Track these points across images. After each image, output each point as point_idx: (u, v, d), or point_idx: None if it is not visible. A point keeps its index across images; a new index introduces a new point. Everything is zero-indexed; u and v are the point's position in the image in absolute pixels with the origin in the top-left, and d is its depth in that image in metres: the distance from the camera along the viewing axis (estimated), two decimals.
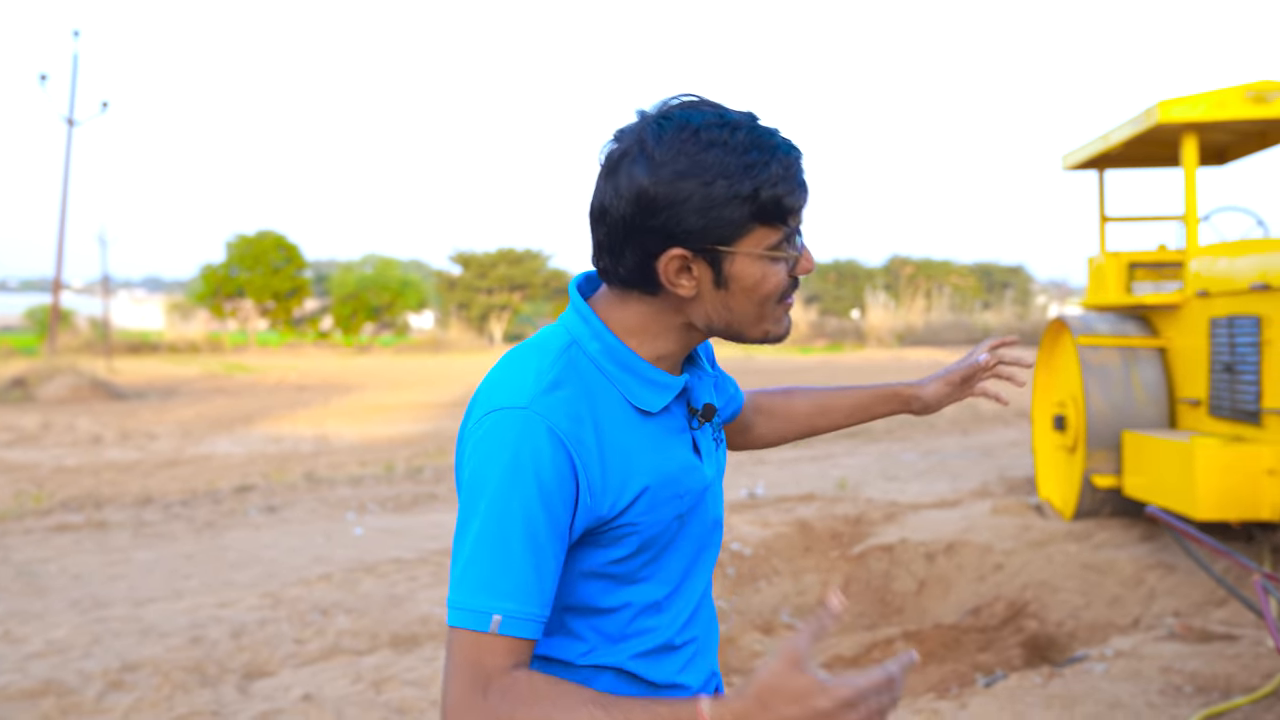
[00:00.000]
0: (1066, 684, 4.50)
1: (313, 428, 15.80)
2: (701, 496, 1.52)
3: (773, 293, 1.44)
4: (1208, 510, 5.55)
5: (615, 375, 1.45)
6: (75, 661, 5.08)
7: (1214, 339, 6.20)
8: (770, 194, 1.38)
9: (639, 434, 1.44)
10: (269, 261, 44.33)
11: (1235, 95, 6.36)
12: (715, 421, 1.60)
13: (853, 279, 57.23)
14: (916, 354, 34.93)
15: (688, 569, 1.54)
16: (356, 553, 7.55)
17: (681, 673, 1.54)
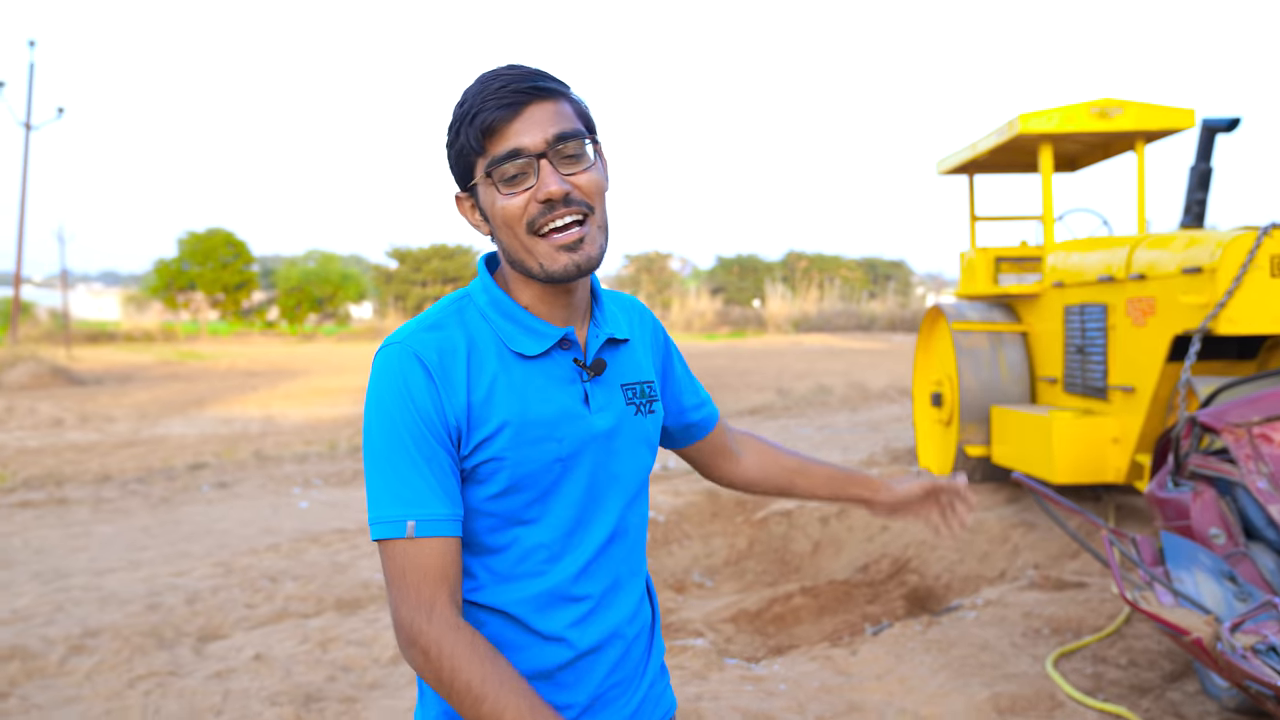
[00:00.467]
0: (943, 630, 4.59)
1: (261, 410, 15.55)
2: (588, 446, 1.43)
3: (513, 219, 1.37)
4: (1063, 475, 5.68)
5: (497, 322, 1.42)
6: (39, 628, 4.95)
7: (1068, 324, 6.33)
8: (470, 128, 1.37)
9: (512, 375, 1.40)
10: (218, 257, 43.48)
11: (1083, 110, 6.51)
12: (642, 390, 1.53)
13: (754, 272, 57.54)
14: (811, 339, 35.29)
15: (580, 518, 1.45)
16: (302, 524, 7.46)
17: (572, 627, 1.44)
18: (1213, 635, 2.98)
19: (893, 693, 4.00)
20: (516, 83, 1.36)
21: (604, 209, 1.42)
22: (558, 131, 1.36)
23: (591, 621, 1.46)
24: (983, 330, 7.08)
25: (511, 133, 1.36)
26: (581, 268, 1.38)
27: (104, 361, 26.64)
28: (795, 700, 3.96)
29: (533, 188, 1.36)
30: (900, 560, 6.15)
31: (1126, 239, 5.95)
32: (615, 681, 1.50)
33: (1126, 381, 5.60)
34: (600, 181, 1.40)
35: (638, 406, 1.51)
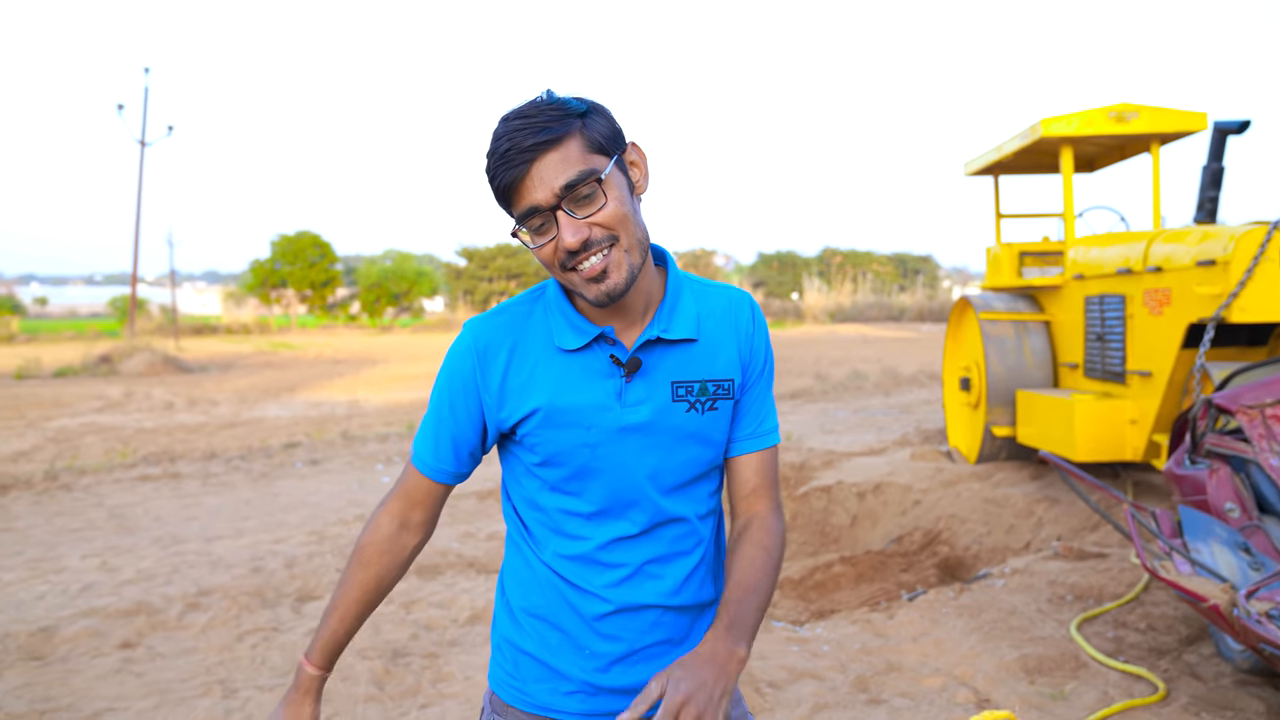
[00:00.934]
0: (973, 596, 4.56)
1: (346, 395, 15.73)
2: (618, 436, 1.44)
3: (547, 261, 1.39)
4: (1084, 453, 5.62)
5: (553, 317, 1.47)
6: (160, 587, 5.07)
7: (1088, 314, 6.25)
8: (495, 184, 1.38)
9: (552, 365, 1.45)
10: (307, 257, 43.94)
11: (1101, 115, 6.40)
12: (703, 387, 1.48)
13: (792, 267, 57.17)
14: (846, 329, 35.01)
15: (614, 497, 1.47)
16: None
17: (609, 589, 1.47)
18: (1229, 602, 2.94)
19: (928, 653, 3.98)
20: (520, 141, 1.34)
21: (632, 228, 1.39)
22: (565, 183, 1.33)
23: (628, 586, 1.48)
24: (1008, 320, 7.01)
25: (525, 191, 1.35)
26: (611, 295, 1.38)
27: (208, 351, 27.11)
28: (838, 660, 3.96)
29: (555, 238, 1.36)
30: (932, 533, 6.11)
31: (1143, 234, 5.85)
32: (657, 640, 1.50)
33: (1144, 367, 5.52)
34: (619, 211, 1.37)
35: (691, 404, 1.47)
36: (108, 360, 21.01)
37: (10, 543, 6.29)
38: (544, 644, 1.50)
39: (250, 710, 3.60)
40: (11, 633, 4.33)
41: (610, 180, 1.36)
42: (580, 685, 1.48)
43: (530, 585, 1.51)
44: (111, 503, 7.48)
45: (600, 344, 1.44)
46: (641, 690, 1.30)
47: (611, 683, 1.49)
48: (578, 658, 1.49)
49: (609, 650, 1.48)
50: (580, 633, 1.48)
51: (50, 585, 5.19)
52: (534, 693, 1.51)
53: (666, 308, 1.47)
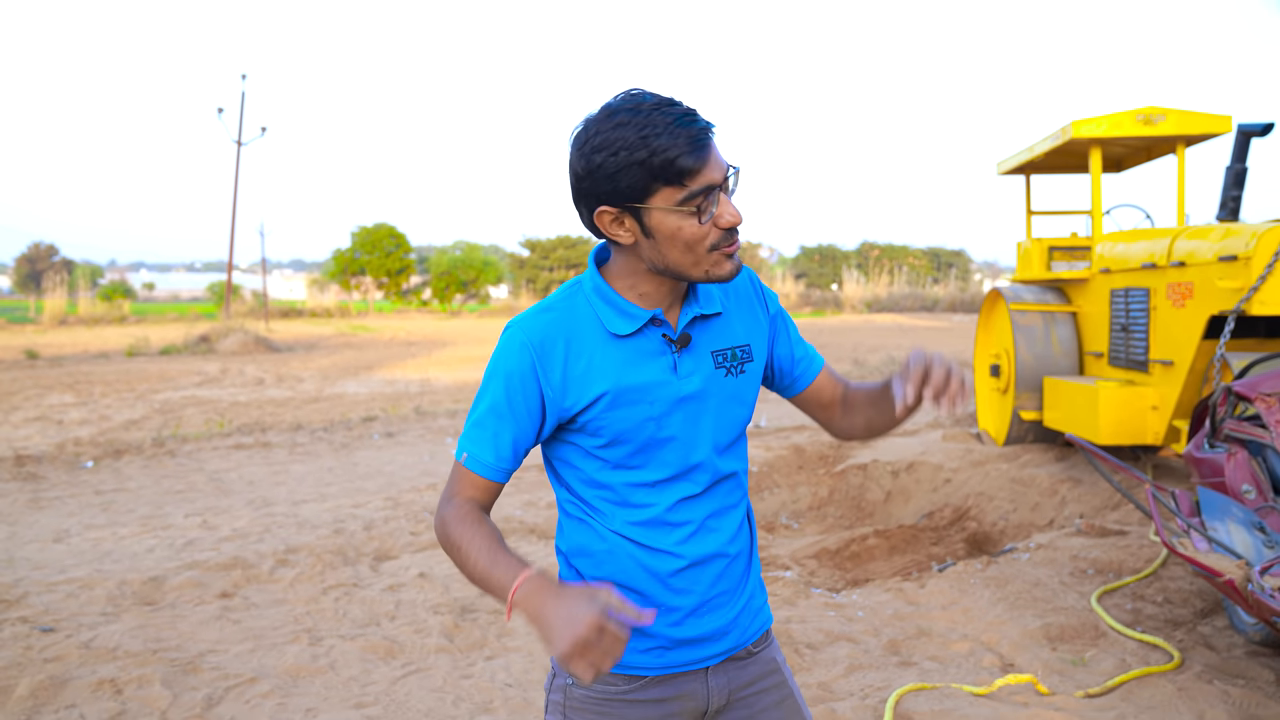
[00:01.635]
0: (1000, 569, 4.53)
1: (418, 373, 15.91)
2: (678, 406, 1.46)
3: (693, 241, 1.37)
4: (1107, 436, 5.54)
5: (599, 306, 1.45)
6: (253, 545, 5.19)
7: (1114, 306, 6.16)
8: (662, 159, 1.32)
9: (608, 351, 1.44)
10: (383, 247, 44.45)
11: (1129, 117, 6.28)
12: (734, 354, 1.52)
13: (832, 259, 56.68)
14: (882, 318, 34.66)
15: (677, 463, 1.48)
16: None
17: (679, 544, 1.48)
18: (1244, 577, 2.90)
19: (956, 621, 3.97)
20: (702, 126, 1.35)
21: None
22: (726, 168, 1.37)
23: (695, 541, 1.50)
24: (1037, 310, 6.92)
25: (706, 170, 1.35)
26: (734, 275, 1.43)
27: (294, 333, 27.58)
28: (871, 625, 3.96)
29: (713, 214, 1.36)
30: (961, 509, 6.07)
31: (1168, 231, 5.74)
32: (720, 591, 1.52)
33: (1165, 356, 5.43)
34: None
35: (728, 369, 1.51)
36: (206, 340, 21.50)
37: (125, 502, 6.49)
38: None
39: (334, 657, 3.69)
40: (127, 580, 4.48)
41: None
42: (660, 641, 1.50)
43: (602, 556, 1.50)
44: (210, 468, 7.67)
45: (651, 326, 1.46)
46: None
47: (686, 634, 1.50)
48: (656, 615, 1.48)
49: (682, 604, 1.50)
50: (656, 591, 1.49)
51: (159, 540, 5.35)
52: None
53: (696, 288, 1.50)
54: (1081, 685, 3.33)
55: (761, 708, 1.57)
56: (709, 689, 1.53)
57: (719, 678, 1.54)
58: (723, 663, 1.55)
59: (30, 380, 14.28)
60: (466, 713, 3.25)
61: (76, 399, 12.12)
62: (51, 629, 3.89)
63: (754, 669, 1.58)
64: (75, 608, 4.17)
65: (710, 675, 1.53)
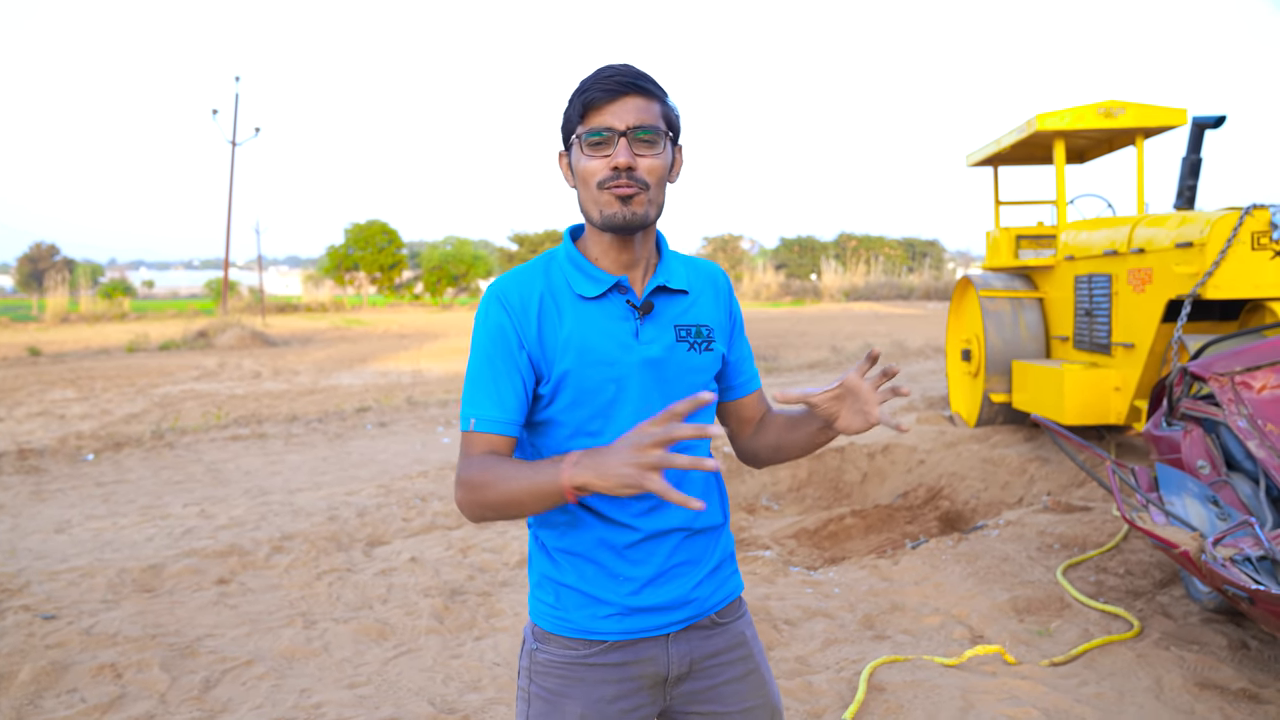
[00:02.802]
0: (970, 545, 4.56)
1: (410, 365, 15.86)
2: (638, 369, 1.47)
3: (587, 176, 1.43)
4: (1073, 417, 5.58)
5: (569, 271, 1.50)
6: (249, 532, 5.17)
7: (1078, 291, 6.19)
8: (579, 98, 1.44)
9: (576, 311, 1.48)
10: (376, 243, 44.23)
11: (1091, 110, 6.31)
12: (698, 331, 1.54)
13: (811, 250, 56.70)
14: (859, 306, 34.72)
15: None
16: (445, 456, 7.63)
17: (638, 517, 1.48)
18: (1198, 548, 2.93)
19: (929, 595, 3.99)
20: (623, 77, 1.43)
21: (660, 191, 1.47)
22: (638, 122, 1.42)
23: (655, 514, 1.50)
24: (1005, 297, 6.95)
25: (606, 113, 1.42)
26: (629, 220, 1.43)
27: (290, 327, 27.43)
28: (847, 600, 3.99)
29: (609, 156, 1.42)
30: (934, 489, 6.09)
31: (1128, 219, 5.78)
32: (679, 562, 1.52)
33: (1127, 339, 5.46)
34: (661, 169, 1.45)
35: (691, 344, 1.52)
36: (204, 335, 21.37)
37: (125, 492, 6.46)
38: (581, 576, 1.52)
39: (328, 639, 3.69)
40: (127, 569, 4.47)
41: (665, 145, 1.46)
42: (617, 608, 1.50)
43: (564, 527, 1.52)
44: (208, 459, 7.63)
45: (616, 292, 1.49)
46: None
47: (643, 603, 1.51)
48: (613, 584, 1.50)
49: (639, 574, 1.50)
50: (612, 562, 1.50)
51: (158, 529, 5.33)
52: (575, 619, 1.52)
53: (663, 267, 1.54)
54: (1047, 654, 3.36)
55: (724, 680, 1.56)
56: (669, 656, 1.53)
57: (680, 645, 1.54)
58: (684, 630, 1.54)
59: (33, 376, 14.18)
60: (456, 691, 3.26)
61: (78, 394, 12.04)
62: (53, 616, 3.87)
63: (719, 640, 1.57)
64: (76, 595, 4.15)
65: (671, 642, 1.53)
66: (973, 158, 7.78)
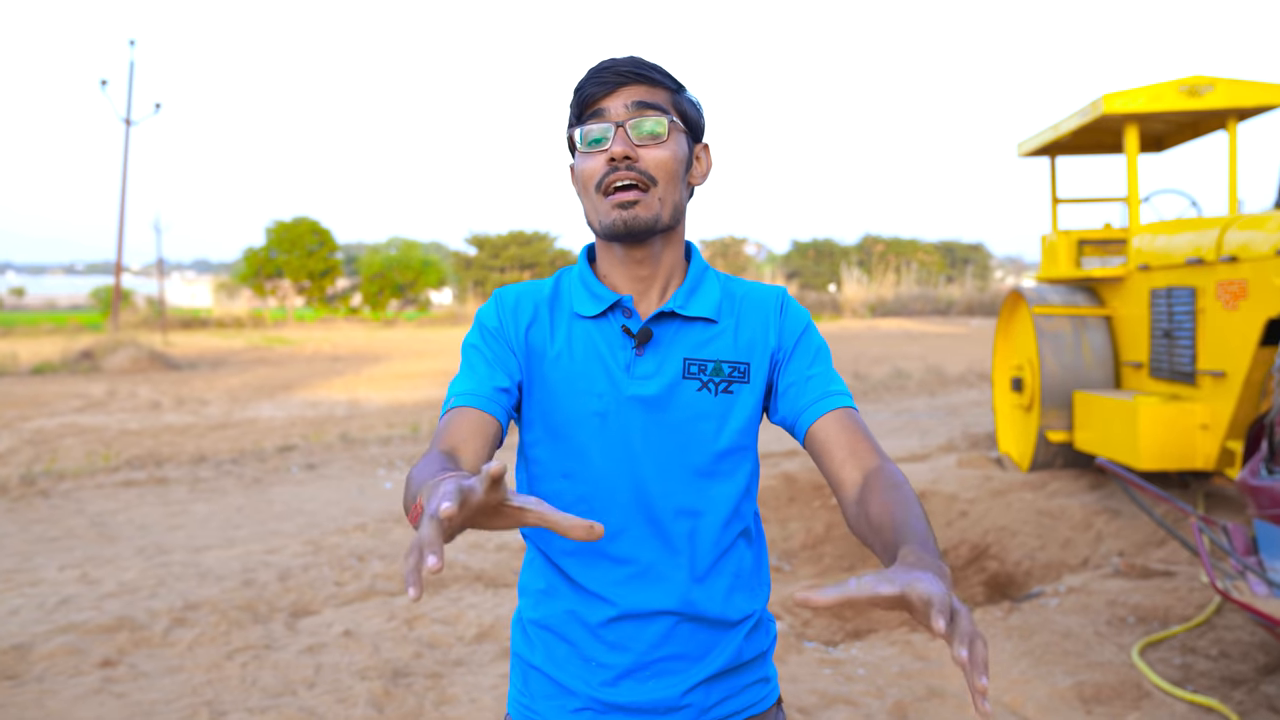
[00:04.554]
0: (1024, 617, 4.53)
1: (346, 394, 15.80)
2: (626, 408, 1.47)
3: (587, 179, 1.48)
4: (1149, 461, 5.57)
5: (575, 289, 1.55)
6: (144, 601, 5.10)
7: (1154, 308, 6.20)
8: (576, 96, 1.50)
9: (570, 329, 1.52)
10: (304, 245, 44.18)
11: (1171, 89, 6.34)
12: (718, 368, 1.50)
13: (829, 256, 57.03)
14: (887, 323, 34.89)
15: (619, 478, 1.47)
16: (387, 504, 7.58)
17: (616, 586, 1.47)
18: None
19: None
20: (619, 67, 1.47)
21: (674, 190, 1.49)
22: (637, 100, 1.46)
23: (636, 587, 1.47)
24: (1065, 314, 6.96)
25: (601, 105, 1.47)
26: (628, 225, 1.45)
27: (197, 347, 27.33)
28: (874, 684, 3.94)
29: (606, 149, 1.46)
30: (979, 546, 6.07)
31: (1217, 220, 5.80)
32: (669, 654, 1.48)
33: (1216, 366, 5.46)
34: (671, 162, 1.47)
35: (703, 383, 1.50)
36: (89, 356, 21.21)
37: None
38: (550, 657, 1.51)
39: None
40: None
41: (676, 136, 1.48)
42: (587, 701, 1.48)
43: (538, 594, 1.53)
44: (92, 510, 7.54)
45: (616, 312, 1.51)
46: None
47: (620, 699, 1.47)
48: (584, 670, 1.49)
49: (616, 661, 1.47)
50: (585, 642, 1.48)
51: (25, 599, 5.23)
52: (543, 710, 1.52)
53: (687, 288, 1.54)
54: None
55: None
56: None
57: None
58: None
59: None
60: None
61: None
62: None
63: None
64: None
65: None
66: (1026, 146, 7.81)
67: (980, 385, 14.81)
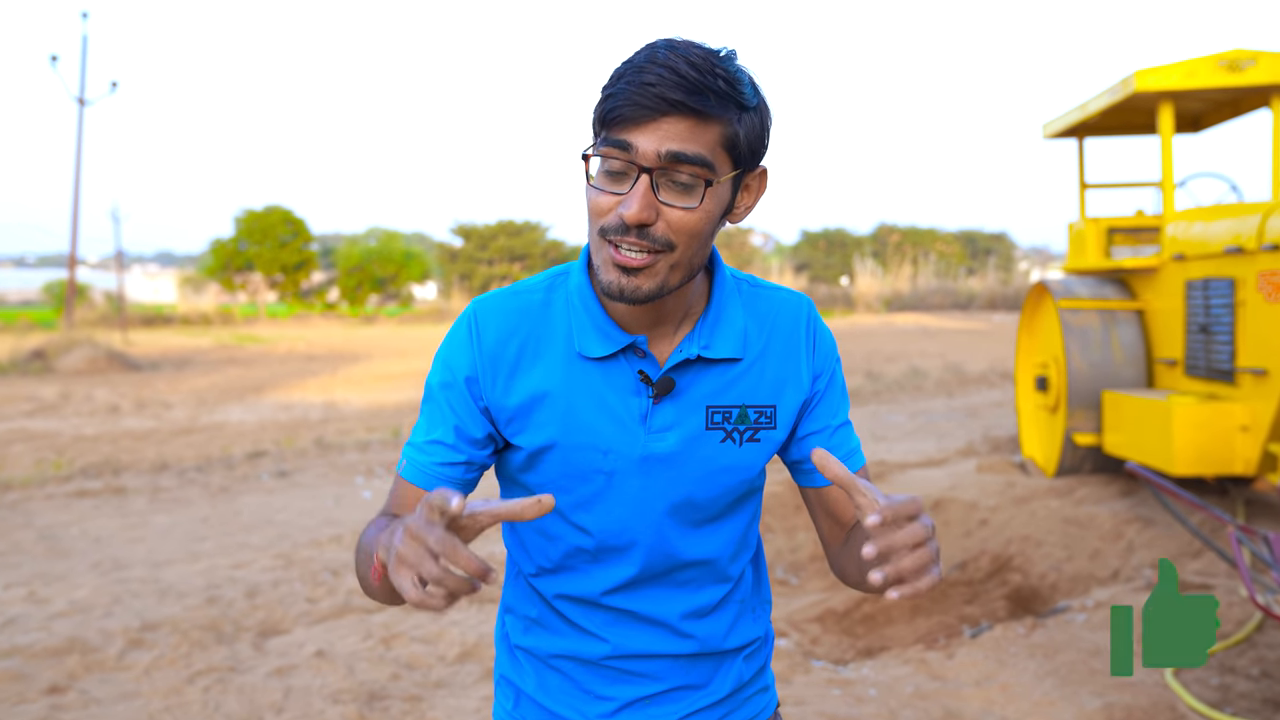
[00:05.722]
0: (1049, 634, 4.52)
1: (321, 395, 15.80)
2: (640, 466, 1.42)
3: (593, 213, 1.34)
4: (1184, 465, 5.56)
5: (575, 311, 1.42)
6: (97, 621, 5.08)
7: (1190, 301, 6.19)
8: (606, 103, 1.31)
9: (569, 375, 1.41)
10: (277, 235, 44.23)
11: (1209, 64, 6.33)
12: (743, 414, 1.45)
13: (841, 247, 57.09)
14: (904, 318, 34.91)
15: (628, 533, 1.45)
16: (365, 515, 7.56)
17: (612, 627, 1.48)
18: None
19: (993, 700, 3.95)
20: (669, 87, 1.26)
21: (694, 251, 1.34)
22: (674, 149, 1.28)
23: (635, 631, 1.49)
24: (1093, 308, 6.96)
25: (634, 131, 1.29)
26: (626, 295, 1.33)
27: (160, 345, 27.32)
28: (886, 707, 3.94)
29: (622, 197, 1.31)
30: (1001, 558, 6.06)
31: (1259, 206, 5.79)
32: (670, 687, 1.52)
33: (1257, 363, 5.46)
34: (699, 226, 1.32)
35: (728, 432, 1.44)
36: (41, 356, 21.18)
37: None
38: (543, 686, 1.52)
39: None
40: None
41: (716, 191, 1.33)
42: None
43: (526, 618, 1.53)
44: (42, 522, 7.52)
45: (629, 355, 1.41)
46: None
47: None
48: (582, 701, 1.50)
49: (617, 694, 1.49)
50: (582, 676, 1.50)
51: None
52: None
53: (710, 320, 1.44)
54: None
55: None
56: None
57: None
58: None
59: None
60: None
61: None
62: None
63: None
64: None
65: None
66: (1052, 127, 7.81)
67: (1002, 385, 14.82)
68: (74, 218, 29.67)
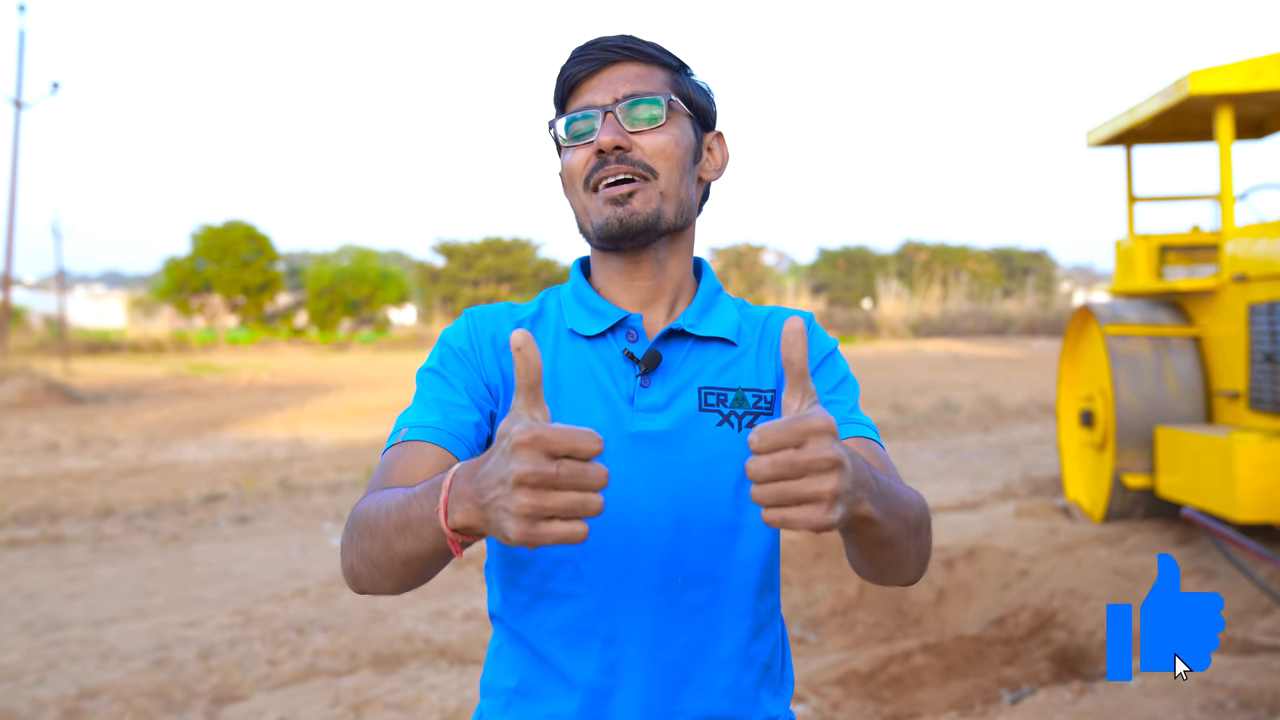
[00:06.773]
0: (1099, 700, 4.49)
1: (287, 431, 15.83)
2: (628, 447, 1.47)
3: (573, 175, 1.52)
4: (1249, 511, 5.54)
5: (569, 306, 1.57)
6: (28, 689, 5.06)
7: (1253, 327, 6.18)
8: (559, 80, 1.54)
9: (560, 351, 1.53)
10: (238, 253, 44.35)
11: (1273, 64, 6.34)
12: (740, 397, 1.51)
13: (863, 266, 57.26)
14: (933, 345, 34.99)
15: (615, 534, 1.46)
16: (334, 566, 7.54)
17: (609, 672, 1.46)
18: None
19: None
20: (610, 43, 1.52)
21: (680, 182, 1.52)
22: (629, 90, 1.49)
23: (633, 676, 1.47)
24: (1144, 334, 6.96)
25: (585, 89, 1.52)
26: (624, 222, 1.47)
27: (106, 376, 27.35)
28: None
29: (593, 142, 1.49)
30: (1044, 613, 6.04)
31: None
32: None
33: None
34: (673, 149, 1.50)
35: (724, 416, 1.50)
36: None
37: None
38: None
39: None
40: None
41: (678, 119, 1.52)
42: None
43: (506, 690, 1.53)
44: None
45: (618, 333, 1.52)
46: None
47: None
48: None
49: None
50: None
51: None
52: None
53: (698, 305, 1.56)
54: None
55: None
56: None
57: None
58: None
59: None
60: None
61: None
62: None
63: None
64: None
65: None
66: (1096, 135, 7.84)
67: (1043, 419, 14.82)
68: (9, 233, 29.77)
